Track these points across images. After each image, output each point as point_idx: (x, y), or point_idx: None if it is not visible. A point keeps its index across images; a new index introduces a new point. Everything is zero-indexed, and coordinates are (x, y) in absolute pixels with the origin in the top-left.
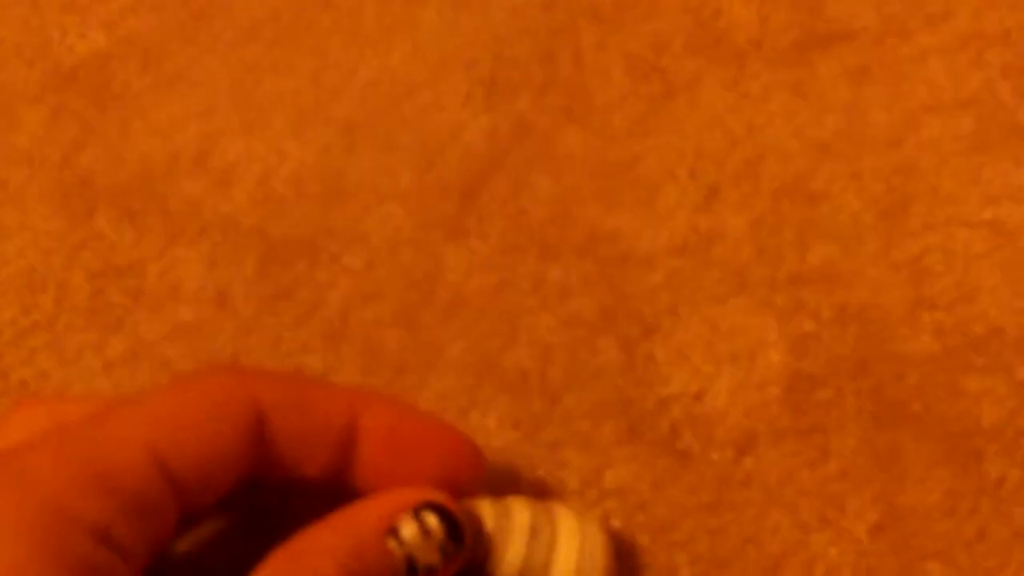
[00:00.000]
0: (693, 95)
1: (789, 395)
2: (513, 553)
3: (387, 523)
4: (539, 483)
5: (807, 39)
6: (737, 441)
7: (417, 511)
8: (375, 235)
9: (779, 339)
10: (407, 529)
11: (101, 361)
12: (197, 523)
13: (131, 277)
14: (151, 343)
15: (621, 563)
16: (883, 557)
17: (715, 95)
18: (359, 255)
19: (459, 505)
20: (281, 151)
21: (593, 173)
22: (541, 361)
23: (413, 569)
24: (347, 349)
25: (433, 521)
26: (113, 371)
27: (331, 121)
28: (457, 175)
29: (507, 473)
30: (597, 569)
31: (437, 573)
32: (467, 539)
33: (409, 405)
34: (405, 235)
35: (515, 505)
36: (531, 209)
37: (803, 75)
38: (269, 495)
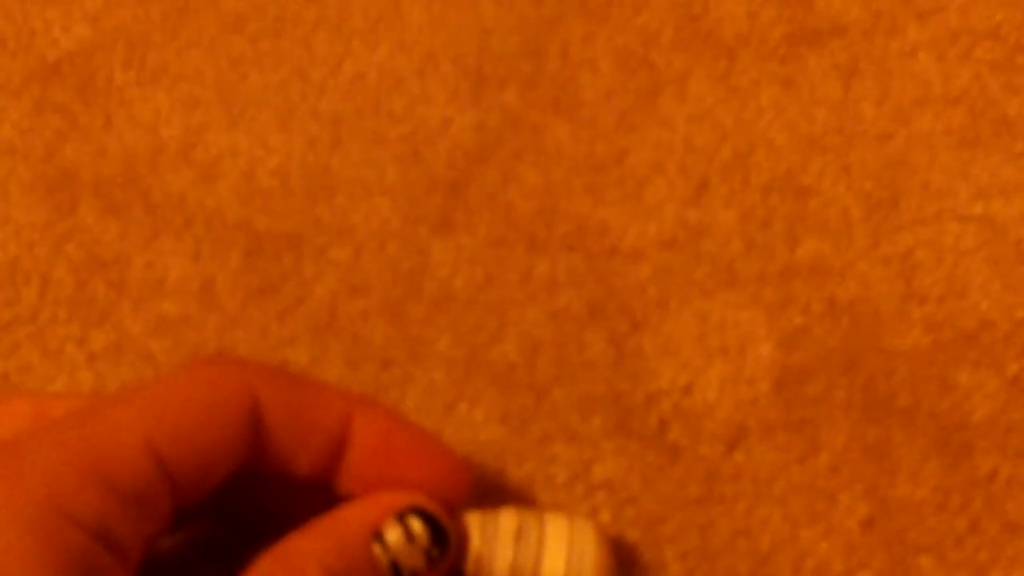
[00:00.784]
0: (682, 89)
1: (779, 389)
2: (501, 558)
3: (372, 528)
4: (527, 477)
5: (797, 34)
6: (727, 435)
7: (402, 515)
8: (362, 228)
9: (769, 333)
10: (392, 534)
11: (84, 354)
12: (187, 525)
13: (115, 270)
14: (135, 336)
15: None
16: (874, 551)
17: (704, 89)
18: (346, 248)
19: (444, 510)
20: (267, 144)
21: (581, 167)
22: (529, 355)
23: (398, 574)
24: (333, 342)
25: (418, 526)
26: (96, 364)
27: (317, 115)
28: (444, 169)
29: (495, 468)
30: (588, 566)
31: None
32: (452, 544)
33: (402, 416)
34: (392, 228)
35: (503, 513)
36: (519, 203)
37: (793, 70)
38: (259, 500)
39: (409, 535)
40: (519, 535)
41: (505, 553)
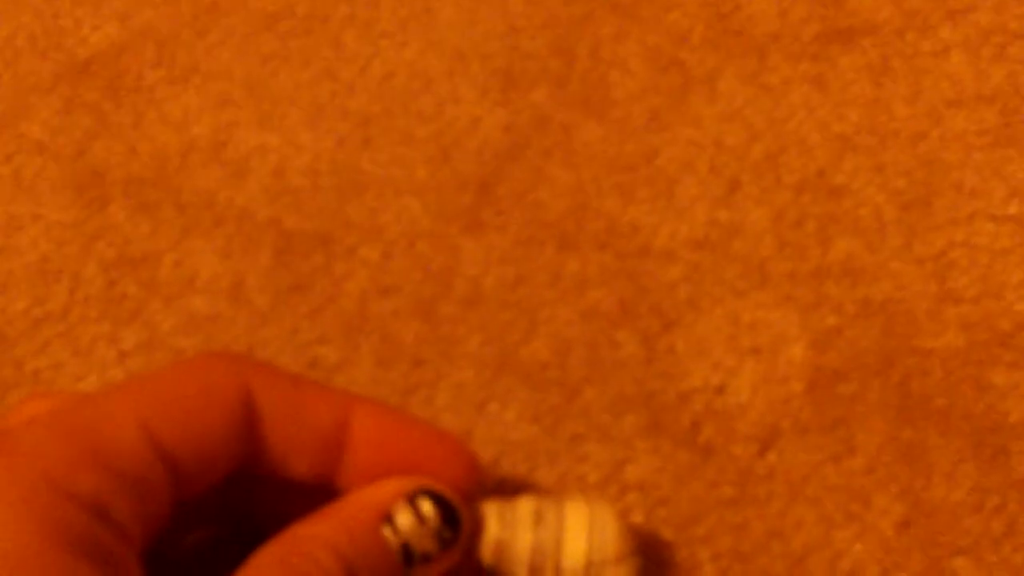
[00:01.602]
0: (713, 88)
1: (812, 389)
2: (522, 541)
3: (382, 511)
4: (559, 478)
5: (828, 32)
6: (760, 435)
7: (412, 498)
8: (392, 227)
9: (801, 333)
10: (402, 516)
11: (115, 352)
12: (190, 531)
13: (145, 268)
14: (165, 334)
15: (645, 558)
16: (910, 553)
17: (735, 88)
18: (376, 247)
19: (454, 492)
20: (296, 143)
21: (611, 166)
22: (560, 354)
23: (409, 557)
24: (364, 341)
25: (428, 507)
26: (127, 362)
27: (347, 113)
28: (474, 168)
29: (526, 467)
30: (610, 543)
31: (434, 561)
32: (464, 526)
33: (404, 411)
34: (422, 228)
35: (521, 500)
36: (549, 202)
37: (824, 68)
38: (260, 506)
39: (420, 517)
40: (538, 518)
41: (525, 536)
